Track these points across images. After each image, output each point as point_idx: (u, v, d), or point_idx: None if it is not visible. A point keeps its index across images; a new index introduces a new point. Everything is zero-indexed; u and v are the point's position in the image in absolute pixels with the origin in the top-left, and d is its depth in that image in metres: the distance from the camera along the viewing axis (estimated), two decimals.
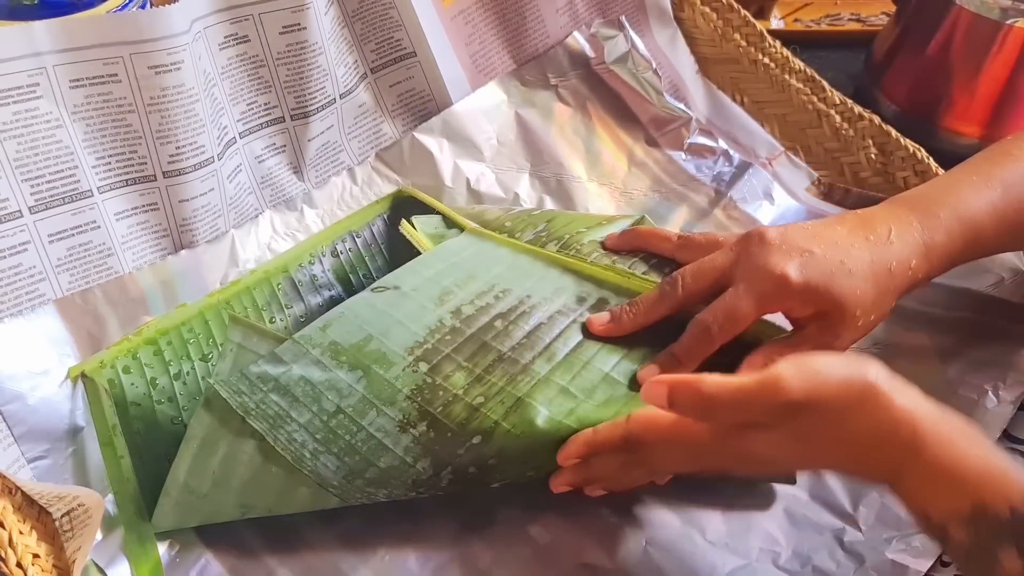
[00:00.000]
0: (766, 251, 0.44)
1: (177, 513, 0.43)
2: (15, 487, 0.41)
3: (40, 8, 0.52)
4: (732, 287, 0.44)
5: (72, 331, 0.48)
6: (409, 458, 0.42)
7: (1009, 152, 0.48)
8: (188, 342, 0.49)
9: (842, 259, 0.44)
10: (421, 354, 0.44)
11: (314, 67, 0.55)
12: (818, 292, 0.43)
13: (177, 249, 0.51)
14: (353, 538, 0.45)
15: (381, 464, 0.42)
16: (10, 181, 0.45)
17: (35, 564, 0.39)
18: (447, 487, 0.43)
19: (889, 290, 0.45)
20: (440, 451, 0.42)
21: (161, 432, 0.46)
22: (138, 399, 0.47)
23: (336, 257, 0.55)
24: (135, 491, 0.44)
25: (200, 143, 0.50)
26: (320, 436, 0.42)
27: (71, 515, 0.41)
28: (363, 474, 0.42)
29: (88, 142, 0.48)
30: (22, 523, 0.40)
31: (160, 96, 0.47)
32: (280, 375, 0.43)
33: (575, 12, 0.68)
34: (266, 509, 0.43)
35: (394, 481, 0.42)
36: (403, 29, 0.60)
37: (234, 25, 0.51)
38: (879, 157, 0.65)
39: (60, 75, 0.46)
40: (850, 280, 0.43)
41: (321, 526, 0.45)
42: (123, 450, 0.45)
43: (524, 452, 0.43)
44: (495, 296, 0.47)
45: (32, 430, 0.45)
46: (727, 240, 0.47)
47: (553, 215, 0.54)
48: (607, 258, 0.50)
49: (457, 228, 0.54)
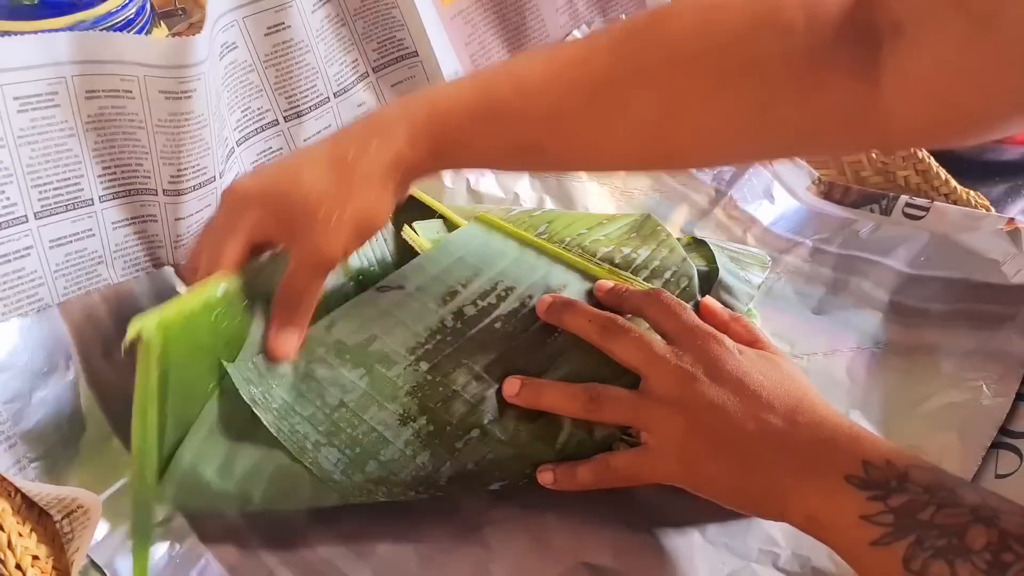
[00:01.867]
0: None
1: (178, 495, 0.43)
2: (14, 489, 0.42)
3: (40, 8, 0.52)
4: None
5: (72, 332, 0.48)
6: (409, 451, 0.43)
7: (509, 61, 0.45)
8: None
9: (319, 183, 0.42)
10: (422, 354, 0.45)
11: (303, 66, 0.55)
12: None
13: (169, 263, 0.52)
14: (353, 538, 0.45)
15: (382, 457, 0.43)
16: (21, 186, 0.46)
17: (34, 566, 0.39)
18: (446, 486, 0.43)
19: (358, 178, 0.42)
20: (439, 445, 0.43)
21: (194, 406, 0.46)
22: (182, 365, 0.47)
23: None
24: (154, 462, 0.43)
25: (203, 165, 0.50)
26: (323, 428, 0.43)
27: (70, 517, 0.41)
28: (364, 468, 0.43)
29: (97, 152, 0.48)
30: (21, 525, 0.41)
31: (168, 120, 0.48)
32: (286, 371, 0.44)
33: (575, 11, 0.68)
34: (265, 502, 0.43)
35: (394, 477, 0.43)
36: (405, 28, 0.60)
37: (224, 34, 0.52)
38: (879, 156, 0.64)
39: (78, 85, 0.46)
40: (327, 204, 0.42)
41: (321, 526, 0.45)
42: (154, 419, 0.44)
43: (522, 448, 0.43)
44: (498, 296, 0.47)
45: (33, 430, 0.45)
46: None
47: (554, 216, 0.54)
48: (608, 261, 0.50)
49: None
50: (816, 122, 0.40)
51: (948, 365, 0.52)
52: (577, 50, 0.45)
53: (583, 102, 0.42)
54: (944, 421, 0.49)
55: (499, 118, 0.42)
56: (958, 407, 0.49)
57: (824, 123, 0.40)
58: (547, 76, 0.42)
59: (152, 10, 0.58)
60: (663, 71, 0.41)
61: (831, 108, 0.39)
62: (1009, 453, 0.45)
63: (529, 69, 0.43)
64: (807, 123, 0.40)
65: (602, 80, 0.42)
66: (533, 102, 0.42)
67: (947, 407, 0.50)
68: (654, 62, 0.41)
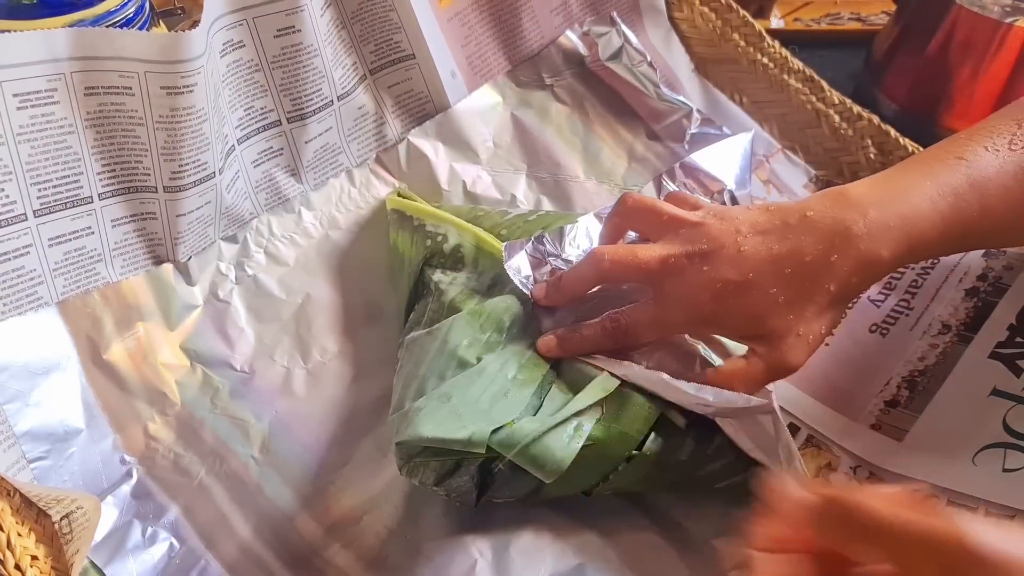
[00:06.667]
0: (698, 276, 0.44)
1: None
2: (14, 489, 0.41)
3: (39, 7, 0.52)
4: (659, 297, 0.45)
5: (72, 332, 0.48)
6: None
7: (961, 156, 0.46)
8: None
9: (774, 288, 0.43)
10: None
11: (310, 69, 0.55)
12: (749, 323, 0.43)
13: (168, 260, 0.51)
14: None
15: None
16: (20, 184, 0.46)
17: (33, 566, 0.39)
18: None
19: (829, 305, 0.44)
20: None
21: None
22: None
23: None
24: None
25: (203, 160, 0.50)
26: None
27: (70, 518, 0.41)
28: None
29: (97, 149, 0.48)
30: (20, 525, 0.40)
31: (169, 116, 0.48)
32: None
33: (569, 12, 0.68)
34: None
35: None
36: (403, 31, 0.60)
37: (230, 31, 0.51)
38: (878, 157, 0.65)
39: (77, 82, 0.46)
40: (781, 308, 0.43)
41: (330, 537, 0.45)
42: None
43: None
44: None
45: (33, 430, 0.45)
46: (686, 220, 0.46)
47: (549, 220, 0.54)
48: None
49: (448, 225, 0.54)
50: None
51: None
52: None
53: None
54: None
55: (965, 238, 0.46)
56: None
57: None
58: (1005, 190, 0.46)
59: (151, 9, 0.58)
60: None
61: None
62: (1016, 452, 0.45)
63: (991, 183, 0.46)
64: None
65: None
66: (995, 221, 0.46)
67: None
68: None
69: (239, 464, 0.48)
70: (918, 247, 0.44)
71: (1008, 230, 0.47)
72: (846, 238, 0.43)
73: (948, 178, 0.45)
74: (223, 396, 0.50)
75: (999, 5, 0.69)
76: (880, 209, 0.44)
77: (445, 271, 0.52)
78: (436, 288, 0.51)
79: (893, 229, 0.44)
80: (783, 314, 0.43)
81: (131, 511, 0.45)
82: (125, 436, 0.47)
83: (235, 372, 0.51)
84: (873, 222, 0.43)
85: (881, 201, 0.44)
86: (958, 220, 0.45)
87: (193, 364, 0.50)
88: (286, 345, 0.53)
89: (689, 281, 0.44)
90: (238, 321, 0.52)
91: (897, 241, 0.44)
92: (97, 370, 0.48)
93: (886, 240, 0.43)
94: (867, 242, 0.43)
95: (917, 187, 0.45)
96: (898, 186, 0.45)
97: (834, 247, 0.43)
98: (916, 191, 0.45)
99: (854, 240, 0.43)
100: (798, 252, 0.43)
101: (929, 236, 0.44)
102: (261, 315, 0.53)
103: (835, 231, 0.43)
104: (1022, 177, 0.46)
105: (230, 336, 0.52)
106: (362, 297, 0.55)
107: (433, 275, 0.52)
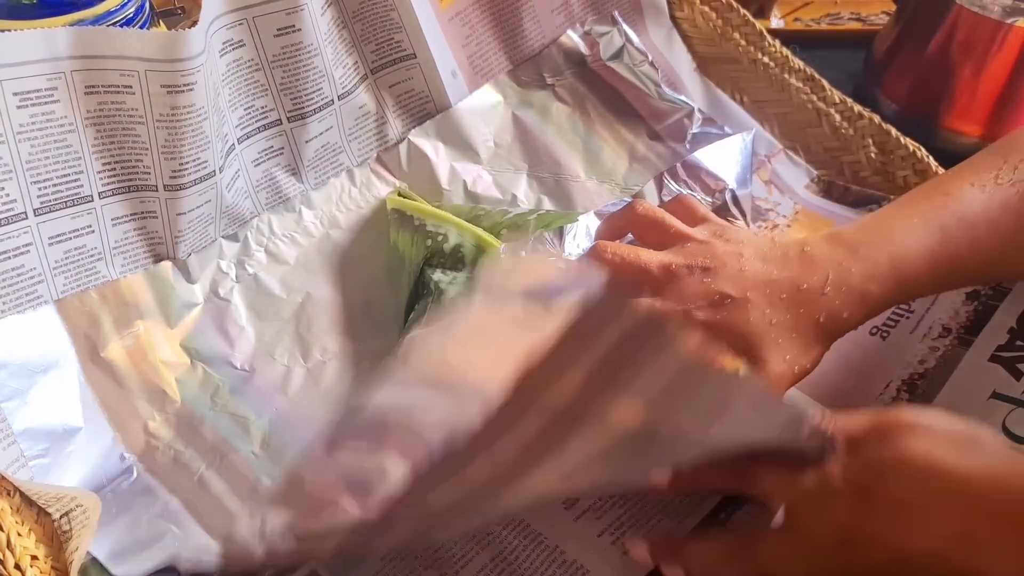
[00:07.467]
0: (697, 286, 0.44)
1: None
2: (14, 488, 0.41)
3: (39, 7, 0.52)
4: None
5: (70, 330, 0.48)
6: None
7: (948, 192, 0.48)
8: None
9: (768, 309, 0.44)
10: None
11: (310, 68, 0.55)
12: (739, 340, 0.44)
13: (168, 257, 0.51)
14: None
15: None
16: (20, 183, 0.46)
17: (33, 566, 0.39)
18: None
19: (817, 338, 0.45)
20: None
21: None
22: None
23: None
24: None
25: (204, 159, 0.50)
26: None
27: (69, 515, 0.41)
28: None
29: (97, 148, 0.48)
30: (20, 525, 0.40)
31: (170, 114, 0.48)
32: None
33: (571, 12, 0.68)
34: None
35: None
36: (403, 31, 0.60)
37: (230, 30, 0.51)
38: (879, 156, 0.65)
39: (77, 80, 0.46)
40: (772, 331, 0.44)
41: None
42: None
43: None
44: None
45: (32, 428, 0.45)
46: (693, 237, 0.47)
47: (550, 220, 0.54)
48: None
49: (449, 225, 0.54)
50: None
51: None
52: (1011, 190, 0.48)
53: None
54: None
55: (955, 273, 0.47)
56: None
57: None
58: (993, 224, 0.47)
59: (151, 9, 0.58)
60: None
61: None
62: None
63: (978, 218, 0.47)
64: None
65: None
66: (984, 255, 0.47)
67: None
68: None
69: (239, 460, 0.48)
70: (908, 283, 0.46)
71: (998, 262, 0.48)
72: (838, 273, 0.45)
73: (935, 215, 0.47)
74: (223, 394, 0.50)
75: (999, 5, 0.69)
76: (870, 248, 0.46)
77: (445, 271, 0.52)
78: (436, 288, 0.51)
79: (882, 265, 0.45)
80: (773, 337, 0.44)
81: (131, 507, 0.45)
82: (124, 434, 0.47)
83: (235, 370, 0.51)
84: (863, 260, 0.45)
85: (871, 240, 0.46)
86: (946, 255, 0.46)
87: (193, 362, 0.50)
88: (286, 343, 0.53)
89: (686, 288, 0.45)
90: (238, 319, 0.52)
91: (887, 277, 0.45)
92: (96, 368, 0.48)
93: (876, 276, 0.45)
94: (857, 278, 0.45)
95: (905, 225, 0.47)
96: (887, 225, 0.47)
97: (827, 281, 0.45)
98: (904, 229, 0.47)
99: (845, 276, 0.45)
100: (794, 281, 0.45)
101: (919, 270, 0.46)
102: (262, 313, 0.53)
103: (829, 266, 0.45)
104: (1009, 210, 0.47)
105: (230, 334, 0.52)
106: (362, 297, 0.55)
107: (433, 275, 0.52)
